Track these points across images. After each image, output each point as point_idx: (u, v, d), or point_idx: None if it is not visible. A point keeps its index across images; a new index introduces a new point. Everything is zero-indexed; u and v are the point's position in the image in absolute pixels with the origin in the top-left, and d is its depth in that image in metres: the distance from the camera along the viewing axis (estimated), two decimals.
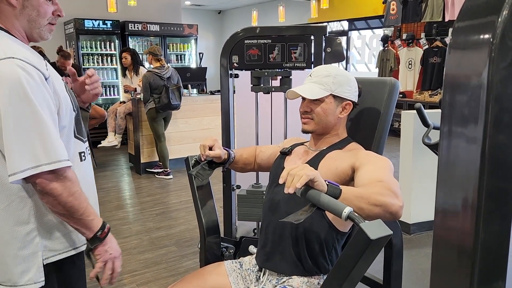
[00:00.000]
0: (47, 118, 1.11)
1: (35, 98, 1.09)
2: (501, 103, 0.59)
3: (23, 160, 1.07)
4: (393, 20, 7.88)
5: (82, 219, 1.17)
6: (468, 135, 0.63)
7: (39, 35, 1.23)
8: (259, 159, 1.71)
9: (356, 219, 0.97)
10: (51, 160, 1.09)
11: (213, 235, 1.58)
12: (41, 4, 1.18)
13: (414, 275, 2.69)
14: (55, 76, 1.23)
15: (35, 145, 1.08)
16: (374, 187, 1.17)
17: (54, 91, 1.17)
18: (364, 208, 1.10)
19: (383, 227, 0.94)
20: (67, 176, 1.14)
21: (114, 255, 1.26)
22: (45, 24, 1.22)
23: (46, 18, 1.21)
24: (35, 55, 1.18)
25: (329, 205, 1.03)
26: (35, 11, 1.18)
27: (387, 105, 1.58)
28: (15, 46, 1.13)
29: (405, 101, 7.78)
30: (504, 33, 0.57)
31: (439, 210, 0.68)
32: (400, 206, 1.14)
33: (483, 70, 0.59)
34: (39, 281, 1.19)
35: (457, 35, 0.63)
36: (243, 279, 1.50)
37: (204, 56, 8.91)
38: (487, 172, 0.60)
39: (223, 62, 2.27)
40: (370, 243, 0.91)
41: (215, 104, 5.34)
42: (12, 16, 1.17)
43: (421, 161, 3.27)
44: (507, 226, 0.63)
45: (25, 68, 1.08)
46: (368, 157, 1.38)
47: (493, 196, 0.62)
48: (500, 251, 0.63)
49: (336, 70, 1.46)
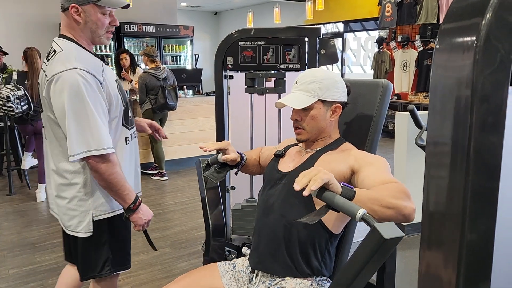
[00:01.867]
0: (98, 114, 1.48)
1: (89, 99, 1.46)
2: (485, 104, 0.60)
3: (79, 146, 1.46)
4: (388, 22, 7.92)
5: (119, 192, 1.56)
6: (453, 136, 0.63)
7: (99, 41, 1.61)
8: (261, 161, 1.73)
9: (369, 220, 0.99)
10: (99, 147, 1.47)
11: (218, 238, 1.58)
12: (99, 18, 1.55)
13: (407, 276, 2.70)
14: (110, 78, 1.59)
15: (87, 135, 1.46)
16: (387, 190, 1.17)
17: (107, 92, 1.54)
18: (376, 210, 1.11)
19: (396, 228, 0.96)
20: (110, 159, 1.51)
21: (147, 219, 1.66)
22: (103, 33, 1.59)
23: (104, 28, 1.58)
24: (94, 61, 1.56)
25: (343, 206, 1.05)
26: (95, 25, 1.55)
27: (379, 107, 1.59)
28: (80, 57, 1.51)
29: (400, 102, 7.81)
30: (488, 35, 0.58)
31: (426, 210, 0.69)
32: (413, 209, 1.15)
33: (468, 72, 0.60)
34: (88, 232, 1.62)
35: (443, 37, 0.64)
36: (236, 280, 1.50)
37: (199, 58, 8.92)
38: (472, 172, 0.61)
39: (218, 63, 2.28)
40: (384, 243, 0.92)
41: (211, 105, 5.34)
42: (79, 29, 1.56)
43: (415, 162, 3.28)
44: (492, 226, 0.64)
45: (84, 76, 1.46)
46: (366, 158, 1.38)
47: (478, 197, 0.62)
48: (485, 251, 0.64)
49: (321, 74, 1.44)
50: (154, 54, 4.91)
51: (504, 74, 0.61)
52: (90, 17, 1.54)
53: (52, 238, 3.46)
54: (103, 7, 1.54)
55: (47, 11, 7.28)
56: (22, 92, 4.06)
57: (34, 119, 4.24)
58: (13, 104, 3.98)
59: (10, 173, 4.63)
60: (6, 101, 3.97)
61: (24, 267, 2.96)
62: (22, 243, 3.37)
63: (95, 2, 1.52)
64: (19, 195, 4.63)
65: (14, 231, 3.64)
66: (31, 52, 4.18)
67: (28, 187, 4.77)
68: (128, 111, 1.68)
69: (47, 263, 3.00)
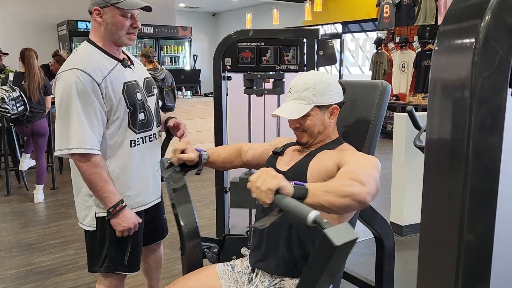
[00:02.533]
0: (86, 114, 1.53)
1: (78, 99, 1.52)
2: (484, 106, 0.60)
3: (61, 143, 1.55)
4: (386, 23, 7.93)
5: (99, 194, 1.60)
6: (452, 137, 0.64)
7: (121, 42, 1.66)
8: (248, 157, 1.68)
9: (321, 224, 0.95)
10: (80, 146, 1.53)
11: (193, 237, 1.53)
12: (119, 21, 1.62)
13: (406, 277, 2.70)
14: (115, 80, 1.61)
15: (70, 133, 1.53)
16: (341, 179, 1.19)
17: (107, 94, 1.58)
18: (333, 201, 1.11)
19: (350, 231, 0.92)
20: (91, 160, 1.55)
21: (127, 226, 1.65)
22: (124, 34, 1.64)
23: (124, 30, 1.64)
24: (102, 63, 1.61)
25: (294, 210, 1.00)
26: (115, 26, 1.62)
27: (378, 108, 1.59)
28: (87, 58, 1.58)
29: (398, 103, 7.83)
30: (487, 37, 0.58)
31: (425, 211, 0.69)
32: (367, 193, 1.16)
33: (466, 74, 0.60)
34: (92, 226, 1.69)
35: (442, 39, 0.64)
36: (234, 281, 1.50)
37: (198, 58, 8.92)
38: (471, 174, 0.61)
39: (216, 64, 2.28)
40: (336, 250, 0.88)
41: (209, 106, 5.33)
42: (101, 31, 1.64)
43: (413, 163, 3.29)
44: (491, 227, 0.64)
45: (79, 76, 1.52)
46: (354, 156, 1.38)
47: (477, 198, 0.62)
48: (484, 252, 0.64)
49: (313, 79, 1.42)
50: (152, 55, 4.91)
51: (502, 75, 0.61)
52: (110, 19, 1.61)
53: (49, 239, 3.45)
54: (123, 9, 1.60)
55: (45, 12, 7.27)
56: (17, 93, 4.04)
57: (30, 121, 4.22)
58: (8, 105, 3.96)
59: (8, 174, 4.62)
60: (1, 103, 3.96)
61: (21, 268, 2.95)
62: (19, 244, 3.36)
63: (115, 4, 1.59)
64: (17, 196, 4.62)
65: (11, 232, 3.63)
66: (28, 52, 4.17)
67: (26, 188, 4.76)
68: (138, 114, 1.67)
69: (45, 264, 3.00)
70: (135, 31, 1.68)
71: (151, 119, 1.76)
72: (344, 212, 1.20)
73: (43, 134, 4.36)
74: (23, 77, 4.17)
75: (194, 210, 1.57)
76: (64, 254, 3.16)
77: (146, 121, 1.72)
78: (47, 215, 4.08)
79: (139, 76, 1.75)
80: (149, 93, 1.78)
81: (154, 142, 1.80)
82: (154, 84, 1.86)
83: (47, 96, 4.35)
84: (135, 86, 1.69)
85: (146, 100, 1.74)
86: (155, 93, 1.84)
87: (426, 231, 0.69)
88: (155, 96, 1.83)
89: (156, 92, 1.85)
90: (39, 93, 4.20)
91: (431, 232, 0.68)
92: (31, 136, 4.38)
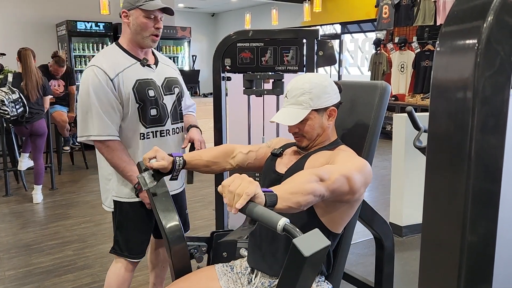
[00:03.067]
0: (101, 105, 1.72)
1: (93, 92, 1.72)
2: (486, 106, 0.60)
3: (82, 131, 1.78)
4: (385, 24, 7.94)
5: (123, 174, 1.80)
6: (454, 138, 0.63)
7: (144, 43, 1.81)
8: (251, 159, 1.64)
9: (291, 231, 0.92)
10: (98, 133, 1.74)
11: (177, 239, 1.49)
12: (142, 22, 1.76)
13: (406, 278, 2.70)
14: (128, 77, 1.77)
15: (88, 122, 1.75)
16: (300, 177, 1.19)
17: (118, 89, 1.75)
18: (300, 201, 1.12)
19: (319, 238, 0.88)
20: (109, 145, 1.76)
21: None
22: (147, 35, 1.79)
23: (147, 30, 1.78)
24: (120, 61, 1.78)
25: (263, 217, 0.96)
26: (139, 27, 1.77)
27: (378, 109, 1.59)
28: (107, 56, 1.80)
29: (398, 104, 7.83)
30: (489, 38, 0.58)
31: (427, 212, 0.68)
32: (325, 187, 1.18)
33: (469, 75, 0.60)
34: (110, 208, 1.92)
35: (444, 40, 0.64)
36: (234, 282, 1.50)
37: (197, 59, 8.91)
38: (473, 175, 0.61)
39: (216, 64, 2.28)
40: (306, 260, 0.85)
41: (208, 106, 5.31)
42: (128, 32, 1.81)
43: (413, 164, 3.29)
44: (493, 228, 0.64)
45: (95, 72, 1.73)
46: (343, 157, 1.37)
47: (479, 199, 0.62)
48: (486, 254, 0.64)
49: (309, 83, 1.41)
50: None
51: (505, 76, 0.61)
52: (135, 20, 1.77)
53: (48, 239, 3.44)
54: (146, 11, 1.75)
55: (44, 13, 7.26)
56: (17, 95, 4.03)
57: (29, 121, 4.21)
58: (8, 107, 3.96)
59: (6, 175, 4.61)
60: (0, 105, 3.95)
61: (20, 269, 2.94)
62: (18, 245, 3.35)
63: (139, 6, 1.74)
64: (15, 196, 4.61)
65: (10, 232, 3.62)
66: (24, 52, 4.16)
67: (24, 188, 4.74)
68: (148, 109, 1.81)
69: (44, 265, 2.99)
70: (158, 32, 1.82)
71: (164, 115, 1.87)
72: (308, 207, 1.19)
73: (42, 134, 4.36)
74: (21, 77, 4.16)
75: (175, 210, 1.53)
76: (63, 255, 3.16)
77: (158, 117, 1.85)
78: (46, 215, 4.07)
79: (159, 75, 1.88)
80: (168, 92, 1.90)
81: (167, 137, 1.90)
82: (177, 84, 1.97)
83: (45, 96, 4.34)
84: (149, 84, 1.82)
85: (162, 97, 1.86)
86: (176, 93, 1.94)
87: (427, 232, 0.69)
88: (174, 95, 1.93)
89: (178, 92, 1.95)
90: (37, 93, 4.19)
91: (433, 233, 0.68)
92: (30, 137, 4.37)
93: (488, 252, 0.64)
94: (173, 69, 2.02)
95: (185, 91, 2.08)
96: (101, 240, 3.37)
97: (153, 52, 1.95)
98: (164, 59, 2.01)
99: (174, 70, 2.02)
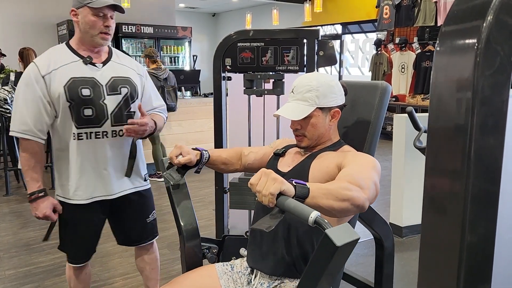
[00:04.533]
0: (24, 102, 1.70)
1: (24, 88, 1.72)
2: (486, 106, 0.60)
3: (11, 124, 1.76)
4: (386, 24, 7.93)
5: (24, 175, 1.79)
6: (454, 138, 0.63)
7: (93, 42, 1.76)
8: (250, 160, 1.69)
9: (322, 224, 0.95)
10: (15, 129, 1.73)
11: (192, 237, 1.54)
12: (91, 20, 1.71)
13: (405, 278, 2.70)
14: (63, 74, 1.72)
15: (14, 117, 1.74)
16: (340, 182, 1.19)
17: (49, 86, 1.71)
18: (333, 204, 1.11)
19: (350, 231, 0.92)
20: (23, 143, 1.74)
21: (37, 214, 1.77)
22: (96, 34, 1.73)
23: (96, 29, 1.72)
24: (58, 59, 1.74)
25: (295, 210, 1.01)
26: (87, 25, 1.72)
27: (378, 109, 1.59)
28: (48, 54, 1.77)
29: (398, 104, 7.83)
30: (489, 38, 0.58)
31: (426, 213, 0.68)
32: (365, 198, 1.17)
33: (468, 75, 0.60)
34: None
35: (444, 39, 0.64)
36: (234, 282, 1.50)
37: (198, 59, 8.92)
38: (473, 175, 0.61)
39: (216, 64, 2.28)
40: (337, 250, 0.89)
41: (209, 106, 5.31)
42: (77, 31, 1.77)
43: (413, 164, 3.28)
44: (493, 229, 0.64)
45: (30, 68, 1.73)
46: (355, 156, 1.39)
47: (478, 199, 0.62)
48: (485, 254, 0.64)
49: (316, 81, 1.42)
50: (155, 55, 4.90)
51: (504, 76, 0.61)
52: (83, 18, 1.72)
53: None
54: (94, 9, 1.70)
55: (45, 12, 7.27)
56: None
57: None
58: (10, 106, 3.97)
59: (7, 174, 4.61)
60: (3, 103, 3.96)
61: (20, 268, 2.94)
62: (18, 244, 3.35)
63: (87, 4, 1.70)
64: (15, 196, 4.61)
65: (10, 232, 3.62)
66: (26, 51, 4.17)
67: (25, 187, 4.74)
68: (81, 109, 1.74)
69: (44, 265, 2.99)
70: (108, 31, 1.76)
71: (102, 116, 1.78)
72: (342, 215, 1.20)
73: None
74: None
75: (193, 209, 1.57)
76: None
77: (94, 118, 1.76)
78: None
79: (104, 74, 1.79)
80: (112, 92, 1.79)
81: (104, 140, 1.80)
82: (128, 84, 1.84)
83: None
84: (87, 82, 1.75)
85: (103, 97, 1.77)
86: (123, 93, 1.82)
87: (427, 232, 0.69)
88: (121, 95, 1.82)
89: (126, 92, 1.83)
90: None
91: (432, 234, 0.68)
92: None
93: (487, 252, 0.64)
94: (128, 69, 1.90)
95: (149, 92, 1.97)
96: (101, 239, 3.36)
97: (110, 50, 1.88)
98: (123, 58, 1.92)
99: (130, 70, 1.90)
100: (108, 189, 1.86)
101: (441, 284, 0.67)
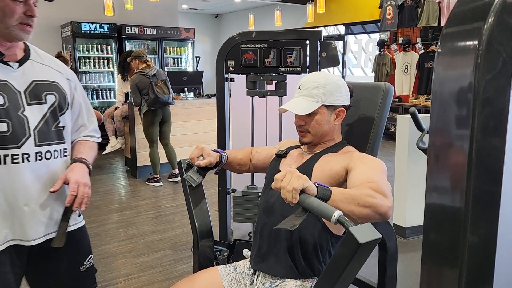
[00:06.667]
0: None
1: None
2: (487, 108, 0.60)
3: None
4: (389, 25, 7.93)
5: None
6: (455, 139, 0.64)
7: (11, 34, 1.29)
8: (255, 160, 1.72)
9: (345, 223, 0.98)
10: None
11: (206, 238, 1.58)
12: (6, 5, 1.24)
13: (409, 279, 2.70)
14: None
15: None
16: (364, 189, 1.18)
17: None
18: (354, 210, 1.12)
19: (373, 230, 0.95)
20: None
21: None
22: (13, 24, 1.28)
23: (14, 18, 1.27)
24: None
25: (318, 209, 1.04)
26: (1, 12, 1.25)
27: (381, 110, 1.59)
28: None
29: (401, 105, 7.81)
30: (490, 40, 0.59)
31: (428, 213, 0.69)
32: (389, 207, 1.17)
33: (470, 76, 0.60)
34: None
35: (445, 41, 0.64)
36: (237, 282, 1.50)
37: (200, 60, 8.93)
38: (474, 176, 0.61)
39: (219, 66, 2.28)
40: (360, 247, 0.92)
41: (212, 107, 5.34)
42: None
43: (416, 165, 3.28)
44: (494, 229, 0.64)
45: None
46: (362, 158, 1.39)
47: (480, 200, 0.62)
48: (487, 254, 0.64)
49: (324, 79, 1.44)
50: (144, 55, 4.87)
51: (506, 78, 0.61)
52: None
53: None
54: None
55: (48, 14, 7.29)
56: None
57: None
58: None
59: None
60: None
61: None
62: None
63: None
64: None
65: None
66: None
67: None
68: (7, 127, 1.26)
69: None
70: (30, 22, 1.32)
71: (21, 133, 1.29)
72: (363, 222, 1.20)
73: None
74: None
75: (208, 211, 1.61)
76: None
77: (10, 135, 1.27)
78: None
79: (21, 77, 1.33)
80: (34, 100, 1.33)
81: (23, 165, 1.30)
82: (55, 91, 1.39)
83: None
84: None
85: (22, 108, 1.30)
86: (49, 102, 1.37)
87: (429, 233, 0.69)
88: (46, 105, 1.36)
89: (53, 101, 1.38)
90: None
91: (434, 234, 0.68)
92: None
93: (489, 253, 0.64)
94: (55, 71, 1.44)
95: (79, 103, 1.51)
96: (104, 240, 3.38)
97: (27, 47, 1.41)
98: (46, 58, 1.45)
99: (56, 73, 1.44)
100: (28, 231, 1.33)
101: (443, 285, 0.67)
